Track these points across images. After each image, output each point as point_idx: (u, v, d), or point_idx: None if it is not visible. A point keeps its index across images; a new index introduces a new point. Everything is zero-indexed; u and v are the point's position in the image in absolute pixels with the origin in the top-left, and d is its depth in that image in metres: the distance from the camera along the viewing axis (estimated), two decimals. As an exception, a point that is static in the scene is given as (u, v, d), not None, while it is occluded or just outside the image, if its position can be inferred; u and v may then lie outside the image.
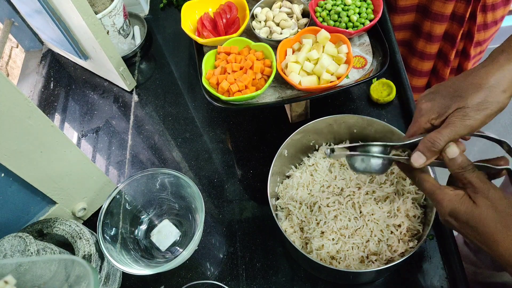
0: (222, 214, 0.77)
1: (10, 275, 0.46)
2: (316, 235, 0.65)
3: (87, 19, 0.76)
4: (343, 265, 0.63)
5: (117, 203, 0.69)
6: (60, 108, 0.96)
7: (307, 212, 0.68)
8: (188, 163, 0.84)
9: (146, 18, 1.06)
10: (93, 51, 0.86)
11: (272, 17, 0.82)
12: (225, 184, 0.81)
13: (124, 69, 0.90)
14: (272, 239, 0.74)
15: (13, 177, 0.60)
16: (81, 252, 0.62)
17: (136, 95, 0.96)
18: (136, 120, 0.92)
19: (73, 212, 0.73)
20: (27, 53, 1.09)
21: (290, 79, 0.72)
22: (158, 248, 0.72)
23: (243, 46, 0.79)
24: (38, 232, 0.64)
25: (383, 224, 0.64)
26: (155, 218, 0.75)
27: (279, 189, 0.72)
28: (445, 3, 1.00)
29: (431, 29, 1.07)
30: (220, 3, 0.86)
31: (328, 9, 0.80)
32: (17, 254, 0.53)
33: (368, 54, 0.78)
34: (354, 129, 0.74)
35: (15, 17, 0.99)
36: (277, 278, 0.70)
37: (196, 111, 0.91)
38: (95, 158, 0.88)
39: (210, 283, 0.70)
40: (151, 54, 1.02)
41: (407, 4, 1.07)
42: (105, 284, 0.65)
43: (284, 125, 0.85)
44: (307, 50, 0.75)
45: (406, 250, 0.63)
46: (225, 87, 0.72)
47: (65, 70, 1.03)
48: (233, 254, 0.73)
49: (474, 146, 1.70)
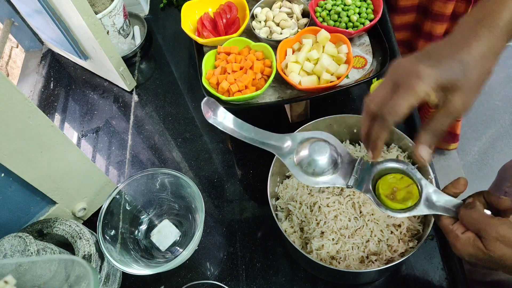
0: (222, 214, 0.77)
1: (10, 275, 0.46)
2: (316, 235, 0.65)
3: (87, 19, 0.76)
4: (343, 265, 0.63)
5: (117, 203, 0.69)
6: (60, 108, 0.96)
7: (307, 212, 0.68)
8: (188, 163, 0.84)
9: (146, 18, 1.06)
10: (93, 51, 0.86)
11: (272, 17, 0.82)
12: (225, 184, 0.81)
13: (124, 69, 0.90)
14: (272, 239, 0.74)
15: (13, 177, 0.60)
16: (81, 252, 0.62)
17: (136, 95, 0.96)
18: (136, 120, 0.92)
19: (73, 212, 0.73)
20: (27, 53, 1.09)
21: (290, 79, 0.72)
22: (158, 248, 0.72)
23: (243, 46, 0.79)
24: (38, 232, 0.64)
25: (383, 224, 0.64)
26: (155, 218, 0.75)
27: (279, 189, 0.72)
28: (446, 3, 1.00)
29: (432, 29, 1.07)
30: (220, 3, 0.86)
31: (328, 9, 0.80)
32: (17, 254, 0.53)
33: (368, 54, 0.78)
34: (354, 129, 0.74)
35: (15, 17, 0.99)
36: (277, 278, 0.70)
37: (196, 111, 0.91)
38: (95, 158, 0.88)
39: (210, 283, 0.70)
40: (151, 54, 1.02)
41: (407, 4, 1.07)
42: (105, 284, 0.65)
43: (284, 125, 0.85)
44: (307, 50, 0.75)
45: (406, 250, 0.63)
46: (225, 87, 0.72)
47: (65, 70, 1.03)
48: (233, 254, 0.73)
49: (476, 143, 1.70)
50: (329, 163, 0.55)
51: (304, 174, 0.55)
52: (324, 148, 0.55)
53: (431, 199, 0.52)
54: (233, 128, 0.58)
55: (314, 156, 0.55)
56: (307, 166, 0.55)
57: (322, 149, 0.55)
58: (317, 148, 0.55)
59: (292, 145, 0.57)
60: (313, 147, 0.55)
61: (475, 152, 1.69)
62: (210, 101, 0.58)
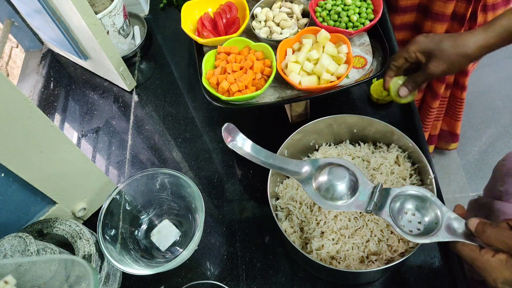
0: (222, 214, 0.77)
1: (10, 275, 0.46)
2: (316, 235, 0.65)
3: (87, 19, 0.76)
4: (343, 265, 0.63)
5: (117, 203, 0.69)
6: (60, 108, 0.96)
7: (307, 212, 0.68)
8: (188, 163, 0.84)
9: (146, 18, 1.06)
10: (93, 51, 0.86)
11: (272, 17, 0.82)
12: (225, 184, 0.81)
13: (124, 69, 0.90)
14: (272, 239, 0.74)
15: (13, 177, 0.60)
16: (81, 252, 0.62)
17: (136, 95, 0.96)
18: (136, 120, 0.92)
19: (73, 212, 0.73)
20: (27, 53, 1.09)
21: (290, 79, 0.72)
22: (158, 248, 0.72)
23: (243, 46, 0.79)
24: (38, 232, 0.64)
25: (383, 224, 0.64)
26: (155, 218, 0.75)
27: (279, 189, 0.72)
28: (446, 3, 1.00)
29: (432, 29, 1.07)
30: (220, 3, 0.86)
31: (328, 9, 0.80)
32: (17, 254, 0.53)
33: (368, 54, 0.78)
34: (354, 129, 0.74)
35: (15, 17, 0.99)
36: (277, 278, 0.70)
37: (196, 111, 0.91)
38: (95, 158, 0.88)
39: (210, 283, 0.70)
40: (151, 54, 1.02)
41: (407, 4, 1.07)
42: (105, 284, 0.65)
43: (284, 125, 0.85)
44: (307, 50, 0.75)
45: (406, 250, 0.63)
46: (225, 87, 0.72)
47: (65, 70, 1.03)
48: (233, 254, 0.73)
49: (476, 143, 1.70)
50: (347, 188, 0.56)
51: (323, 199, 0.57)
52: (342, 173, 0.57)
53: (453, 226, 0.52)
54: (252, 153, 0.59)
55: (333, 181, 0.56)
56: (325, 191, 0.56)
57: (340, 174, 0.57)
58: (336, 173, 0.57)
59: (310, 171, 0.58)
60: (332, 173, 0.57)
61: (475, 152, 1.69)
62: (230, 127, 0.59)
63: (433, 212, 0.54)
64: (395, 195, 0.55)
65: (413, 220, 0.55)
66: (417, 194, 0.55)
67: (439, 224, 0.53)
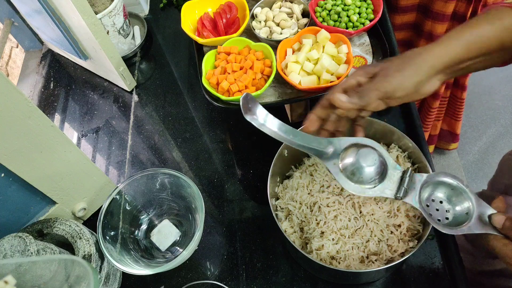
0: (222, 214, 0.77)
1: (10, 275, 0.46)
2: (316, 235, 0.65)
3: (87, 19, 0.76)
4: (343, 265, 0.63)
5: (117, 203, 0.69)
6: (60, 108, 0.96)
7: (307, 212, 0.68)
8: (188, 163, 0.84)
9: (146, 18, 1.06)
10: (93, 51, 0.86)
11: (272, 17, 0.82)
12: (225, 184, 0.81)
13: (124, 69, 0.90)
14: (272, 239, 0.74)
15: (13, 177, 0.60)
16: (81, 252, 0.62)
17: (136, 95, 0.96)
18: (136, 120, 0.92)
19: (73, 212, 0.73)
20: (27, 53, 1.09)
21: (290, 79, 0.72)
22: (158, 248, 0.72)
23: (243, 46, 0.79)
24: (38, 232, 0.64)
25: (383, 224, 0.64)
26: (155, 218, 0.75)
27: (279, 189, 0.72)
28: (446, 3, 1.00)
29: (432, 28, 1.07)
30: (220, 3, 0.86)
31: (328, 9, 0.80)
32: (17, 254, 0.53)
33: (368, 54, 0.78)
34: (354, 129, 0.73)
35: (15, 17, 0.99)
36: (277, 278, 0.70)
37: (196, 111, 0.91)
38: (95, 158, 0.88)
39: (210, 283, 0.70)
40: (151, 54, 1.02)
41: (407, 3, 1.07)
42: (105, 284, 0.65)
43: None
44: (307, 50, 0.75)
45: (406, 250, 0.63)
46: (225, 87, 0.72)
47: (65, 70, 1.03)
48: (233, 254, 0.73)
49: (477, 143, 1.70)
50: (376, 173, 0.53)
51: (350, 181, 0.53)
52: (372, 156, 0.53)
53: (485, 218, 0.50)
54: (272, 129, 0.55)
55: (362, 163, 0.53)
56: (351, 173, 0.53)
57: (370, 157, 0.53)
58: (365, 156, 0.53)
59: (335, 150, 0.55)
60: (361, 155, 0.53)
61: (475, 152, 1.69)
62: (248, 97, 0.54)
63: (465, 202, 0.52)
64: (424, 181, 0.53)
65: (440, 209, 0.53)
66: (449, 181, 0.52)
67: (470, 215, 0.50)
